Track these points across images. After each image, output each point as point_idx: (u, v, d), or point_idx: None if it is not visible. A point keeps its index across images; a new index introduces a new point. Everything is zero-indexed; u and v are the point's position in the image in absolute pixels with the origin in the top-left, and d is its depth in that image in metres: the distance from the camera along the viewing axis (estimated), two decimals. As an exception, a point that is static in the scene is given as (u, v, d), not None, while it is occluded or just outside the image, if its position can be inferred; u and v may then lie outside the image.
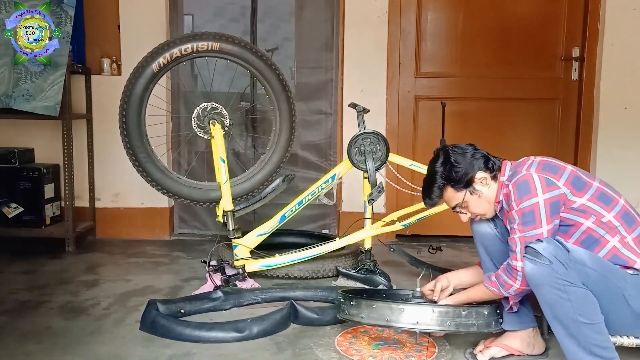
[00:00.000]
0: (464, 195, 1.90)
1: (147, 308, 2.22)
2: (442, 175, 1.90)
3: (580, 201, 1.76)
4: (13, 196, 3.39)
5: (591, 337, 1.66)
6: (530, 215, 1.74)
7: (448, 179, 1.89)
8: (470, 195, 1.89)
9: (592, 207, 1.76)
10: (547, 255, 1.66)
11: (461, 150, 1.90)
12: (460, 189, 1.89)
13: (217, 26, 3.73)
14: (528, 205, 1.75)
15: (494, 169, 1.89)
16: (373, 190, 2.60)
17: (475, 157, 1.89)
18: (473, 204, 1.91)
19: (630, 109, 3.51)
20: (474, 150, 1.91)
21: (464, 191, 1.89)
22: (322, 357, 1.99)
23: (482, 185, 1.88)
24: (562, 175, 1.78)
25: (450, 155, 1.89)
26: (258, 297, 2.48)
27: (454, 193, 1.90)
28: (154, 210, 3.65)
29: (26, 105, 3.15)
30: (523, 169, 1.82)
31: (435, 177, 1.91)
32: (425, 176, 1.98)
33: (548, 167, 1.80)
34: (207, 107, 2.75)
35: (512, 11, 3.63)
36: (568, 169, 1.81)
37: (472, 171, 1.87)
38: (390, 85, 3.62)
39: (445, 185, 1.90)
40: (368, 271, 2.73)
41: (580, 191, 1.77)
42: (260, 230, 2.79)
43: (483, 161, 1.88)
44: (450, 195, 1.91)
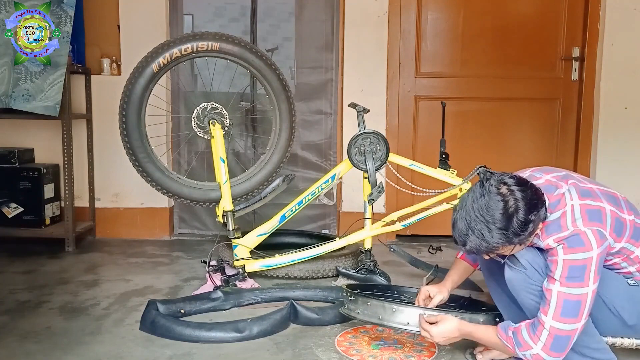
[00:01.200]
0: (513, 248, 1.63)
1: (147, 308, 2.22)
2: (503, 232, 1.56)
3: (619, 246, 1.66)
4: (13, 196, 3.39)
5: (579, 340, 1.65)
6: (580, 270, 1.57)
7: (510, 239, 1.57)
8: (520, 245, 1.63)
9: (626, 247, 1.69)
10: (522, 262, 1.66)
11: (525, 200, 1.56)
12: (517, 243, 1.61)
13: (217, 26, 3.72)
14: (581, 259, 1.56)
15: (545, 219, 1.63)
16: (373, 190, 2.60)
17: (539, 207, 1.58)
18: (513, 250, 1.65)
19: (630, 109, 3.51)
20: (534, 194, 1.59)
21: (517, 245, 1.62)
22: (322, 357, 1.99)
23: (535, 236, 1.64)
24: (607, 223, 1.62)
25: (519, 209, 1.55)
26: (258, 297, 2.49)
27: (506, 247, 1.61)
28: (153, 210, 3.65)
29: (26, 105, 3.15)
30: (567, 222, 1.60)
31: (493, 232, 1.56)
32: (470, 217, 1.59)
33: (592, 213, 1.62)
34: (207, 107, 2.75)
35: (512, 11, 3.63)
36: (607, 210, 1.64)
37: (536, 227, 1.59)
38: (390, 85, 3.62)
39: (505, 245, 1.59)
40: (368, 271, 2.72)
41: (620, 236, 1.66)
42: (260, 230, 2.79)
43: (544, 214, 1.60)
44: (500, 249, 1.62)
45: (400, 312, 1.86)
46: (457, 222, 1.63)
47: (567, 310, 1.57)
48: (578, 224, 1.60)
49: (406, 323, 1.85)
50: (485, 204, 1.57)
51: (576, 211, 1.62)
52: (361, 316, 1.94)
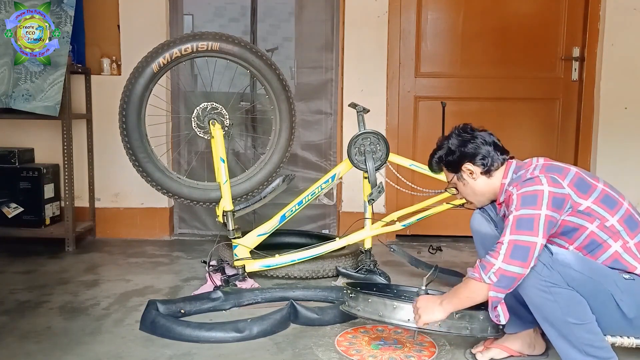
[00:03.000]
0: (451, 178, 1.98)
1: (147, 308, 2.22)
2: (439, 153, 1.99)
3: (585, 203, 1.74)
4: (13, 196, 3.39)
5: (583, 338, 1.66)
6: (532, 198, 1.71)
7: (440, 159, 1.98)
8: (457, 180, 1.96)
9: (596, 210, 1.75)
10: None
11: (469, 137, 1.93)
12: (450, 171, 1.97)
13: (217, 26, 3.73)
14: (532, 190, 1.72)
15: (488, 166, 1.89)
16: (373, 190, 2.60)
17: (477, 148, 1.90)
18: (460, 188, 1.98)
19: (630, 109, 3.51)
20: (482, 141, 1.92)
21: (452, 175, 1.97)
22: (322, 357, 1.99)
23: (469, 176, 1.92)
24: (567, 176, 1.77)
25: (454, 138, 1.95)
26: (258, 297, 2.49)
27: (446, 172, 2.00)
28: (153, 210, 3.65)
29: (26, 105, 3.15)
30: (528, 172, 1.82)
31: (436, 151, 2.00)
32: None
33: (552, 169, 1.80)
34: (207, 107, 2.75)
35: (512, 11, 3.63)
36: (572, 170, 1.80)
37: (463, 161, 1.91)
38: (390, 85, 3.62)
39: (440, 162, 1.99)
40: (368, 271, 2.73)
41: (585, 193, 1.75)
42: (260, 230, 2.79)
43: (480, 156, 1.89)
44: (446, 173, 2.01)
45: (401, 309, 1.86)
46: None
47: (521, 224, 1.69)
48: (535, 172, 1.80)
49: (407, 320, 1.85)
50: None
51: (537, 168, 1.82)
52: (362, 313, 1.95)
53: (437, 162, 2.01)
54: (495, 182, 1.90)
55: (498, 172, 1.90)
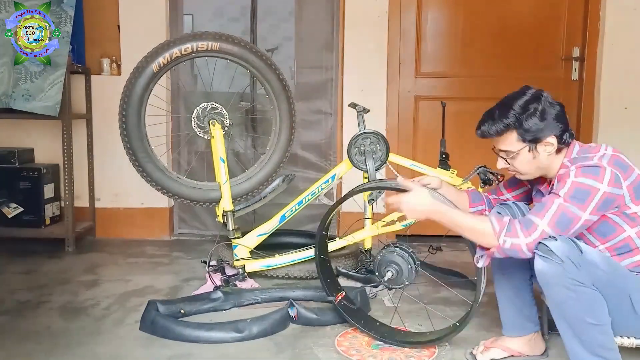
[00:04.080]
0: (521, 148, 1.77)
1: (147, 308, 2.22)
2: (517, 115, 1.74)
3: (634, 209, 1.70)
4: (13, 196, 3.39)
5: (596, 338, 1.65)
6: (584, 194, 1.64)
7: (520, 123, 1.74)
8: (527, 151, 1.77)
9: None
10: (559, 255, 1.62)
11: (550, 105, 1.76)
12: (524, 140, 1.75)
13: (217, 26, 3.72)
14: (589, 184, 1.64)
15: (564, 143, 1.76)
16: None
17: (559, 120, 1.75)
18: (523, 160, 1.78)
19: (630, 109, 3.51)
20: (561, 112, 1.76)
21: (525, 144, 1.76)
22: (322, 357, 1.99)
23: (545, 150, 1.76)
24: (629, 177, 1.70)
25: (540, 103, 1.75)
26: (258, 297, 2.49)
27: (515, 140, 1.76)
28: (153, 210, 3.64)
29: (26, 105, 3.15)
30: (595, 157, 1.71)
31: (509, 113, 1.76)
32: (496, 105, 1.83)
33: (619, 163, 1.71)
34: (207, 107, 2.75)
35: (512, 11, 3.63)
36: (635, 172, 1.72)
37: (547, 132, 1.74)
38: (390, 85, 3.62)
39: (512, 128, 1.76)
40: (368, 271, 2.72)
41: (639, 199, 1.70)
42: (260, 230, 2.79)
43: (561, 129, 1.75)
44: (509, 140, 1.77)
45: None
46: (485, 112, 1.86)
47: (561, 222, 1.64)
48: (603, 161, 1.69)
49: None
50: (513, 96, 1.80)
51: (606, 156, 1.71)
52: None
53: (507, 125, 1.75)
54: (559, 159, 1.78)
55: (564, 150, 1.79)
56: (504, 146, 1.80)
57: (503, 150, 1.81)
